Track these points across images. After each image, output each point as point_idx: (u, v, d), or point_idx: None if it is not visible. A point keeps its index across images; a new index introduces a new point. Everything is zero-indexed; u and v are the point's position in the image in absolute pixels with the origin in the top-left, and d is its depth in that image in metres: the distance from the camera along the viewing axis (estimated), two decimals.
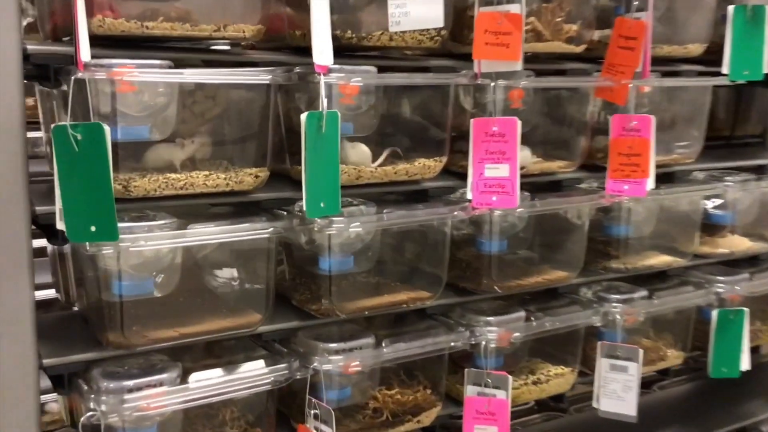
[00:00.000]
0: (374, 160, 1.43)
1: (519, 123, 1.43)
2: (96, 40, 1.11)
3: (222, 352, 1.42)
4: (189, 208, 1.27)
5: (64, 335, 1.30)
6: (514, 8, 1.38)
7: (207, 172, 1.24)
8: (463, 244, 1.63)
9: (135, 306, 1.23)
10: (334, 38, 1.28)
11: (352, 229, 1.34)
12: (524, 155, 1.59)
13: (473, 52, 1.41)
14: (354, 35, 1.34)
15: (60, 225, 1.10)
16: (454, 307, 1.63)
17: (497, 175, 1.45)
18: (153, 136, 1.20)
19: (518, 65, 1.43)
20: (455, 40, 1.53)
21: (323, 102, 1.22)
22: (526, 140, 1.60)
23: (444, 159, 1.49)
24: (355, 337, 1.42)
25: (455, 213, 1.47)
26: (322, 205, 1.25)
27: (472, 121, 1.45)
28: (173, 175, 1.21)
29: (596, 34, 1.71)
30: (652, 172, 1.65)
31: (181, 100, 1.22)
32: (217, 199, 1.29)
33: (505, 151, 1.45)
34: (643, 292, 1.82)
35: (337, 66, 1.29)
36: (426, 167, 1.46)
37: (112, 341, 1.22)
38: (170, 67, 1.17)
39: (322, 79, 1.23)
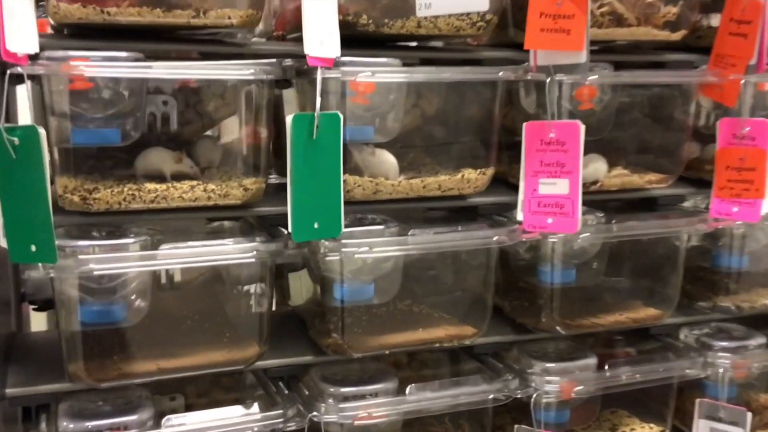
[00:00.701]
0: (403, 171, 1.20)
1: (582, 128, 1.15)
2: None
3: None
4: None
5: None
6: None
7: (191, 184, 1.06)
8: (522, 270, 1.36)
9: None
10: (345, 25, 1.06)
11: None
12: (597, 167, 1.30)
13: (525, 41, 1.14)
14: (371, 21, 1.10)
15: (2, 242, 0.96)
16: (512, 345, 1.37)
17: (554, 192, 1.17)
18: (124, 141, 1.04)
19: (582, 56, 1.13)
20: (517, 26, 1.26)
21: (318, 102, 1.00)
22: (601, 148, 1.31)
23: (489, 170, 1.23)
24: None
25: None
26: (315, 225, 1.03)
27: (524, 126, 1.18)
28: (151, 185, 1.04)
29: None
30: None
31: None
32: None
33: (565, 163, 1.17)
34: (761, 339, 1.47)
35: (347, 58, 1.08)
36: (465, 180, 1.21)
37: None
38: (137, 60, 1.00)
39: (319, 74, 1.01)
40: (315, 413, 1.12)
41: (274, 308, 1.33)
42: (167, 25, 1.02)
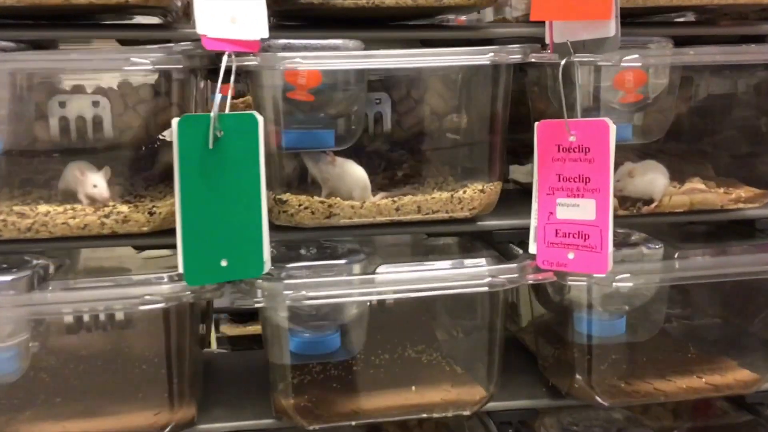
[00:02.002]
0: (380, 190, 0.92)
1: (612, 129, 0.82)
2: None
3: None
4: None
5: None
6: None
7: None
8: (554, 312, 1.04)
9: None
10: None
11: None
12: (652, 180, 0.95)
13: (531, 11, 0.83)
14: None
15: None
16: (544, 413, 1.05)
17: (576, 218, 0.85)
18: None
19: (610, 27, 0.80)
20: None
21: (217, 99, 0.75)
22: (659, 156, 0.96)
23: (496, 186, 0.93)
24: None
25: None
26: (223, 263, 0.78)
27: (536, 126, 0.87)
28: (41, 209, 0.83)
29: None
30: None
31: None
32: None
33: (590, 177, 0.84)
34: None
35: (283, 41, 0.82)
36: (456, 201, 0.90)
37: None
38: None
39: (224, 61, 0.76)
40: None
41: None
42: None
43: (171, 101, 0.88)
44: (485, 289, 0.86)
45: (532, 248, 0.88)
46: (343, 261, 0.89)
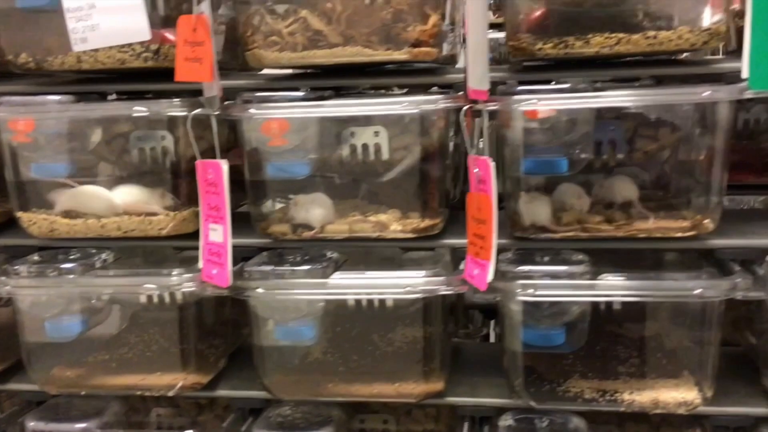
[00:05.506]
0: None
1: (225, 167, 1.05)
2: None
3: None
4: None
5: None
6: (204, 6, 1.00)
7: None
8: None
9: None
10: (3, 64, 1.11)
11: None
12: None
13: (175, 73, 1.03)
14: (31, 60, 1.10)
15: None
16: None
17: (215, 240, 1.08)
18: None
19: (212, 87, 1.03)
20: None
21: None
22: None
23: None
24: None
25: None
26: None
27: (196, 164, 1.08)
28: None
29: None
30: None
31: None
32: None
33: (219, 207, 1.06)
34: None
35: None
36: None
37: None
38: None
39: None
40: None
41: None
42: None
43: None
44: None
45: (200, 263, 1.09)
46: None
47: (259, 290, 1.08)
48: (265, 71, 1.18)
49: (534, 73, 1.09)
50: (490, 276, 0.99)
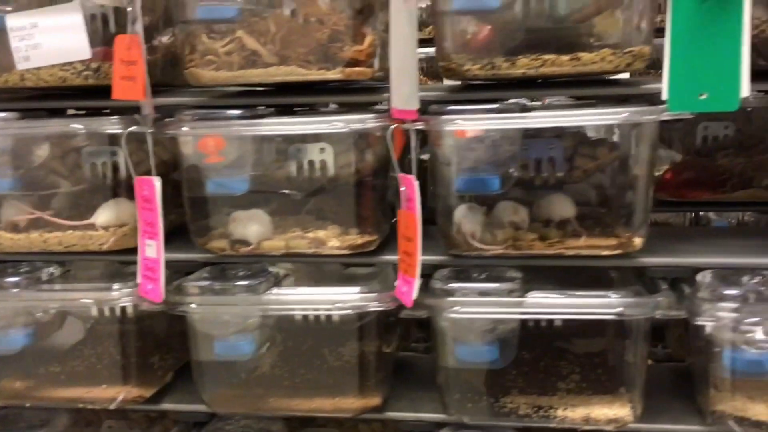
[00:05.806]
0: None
1: (157, 183, 1.06)
2: None
3: None
4: None
5: None
6: (138, 27, 1.03)
7: None
8: None
9: None
10: None
11: None
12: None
13: (112, 91, 1.06)
14: None
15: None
16: None
17: (150, 255, 1.10)
18: None
19: (145, 106, 1.07)
20: None
21: None
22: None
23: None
24: None
25: None
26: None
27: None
28: None
29: None
30: None
31: None
32: None
33: (153, 222, 1.08)
34: None
35: None
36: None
37: None
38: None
39: None
40: None
41: None
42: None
43: None
44: None
45: (139, 278, 1.11)
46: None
47: (193, 306, 1.09)
48: (219, 88, 1.20)
49: (475, 92, 1.11)
50: (415, 293, 1.01)
